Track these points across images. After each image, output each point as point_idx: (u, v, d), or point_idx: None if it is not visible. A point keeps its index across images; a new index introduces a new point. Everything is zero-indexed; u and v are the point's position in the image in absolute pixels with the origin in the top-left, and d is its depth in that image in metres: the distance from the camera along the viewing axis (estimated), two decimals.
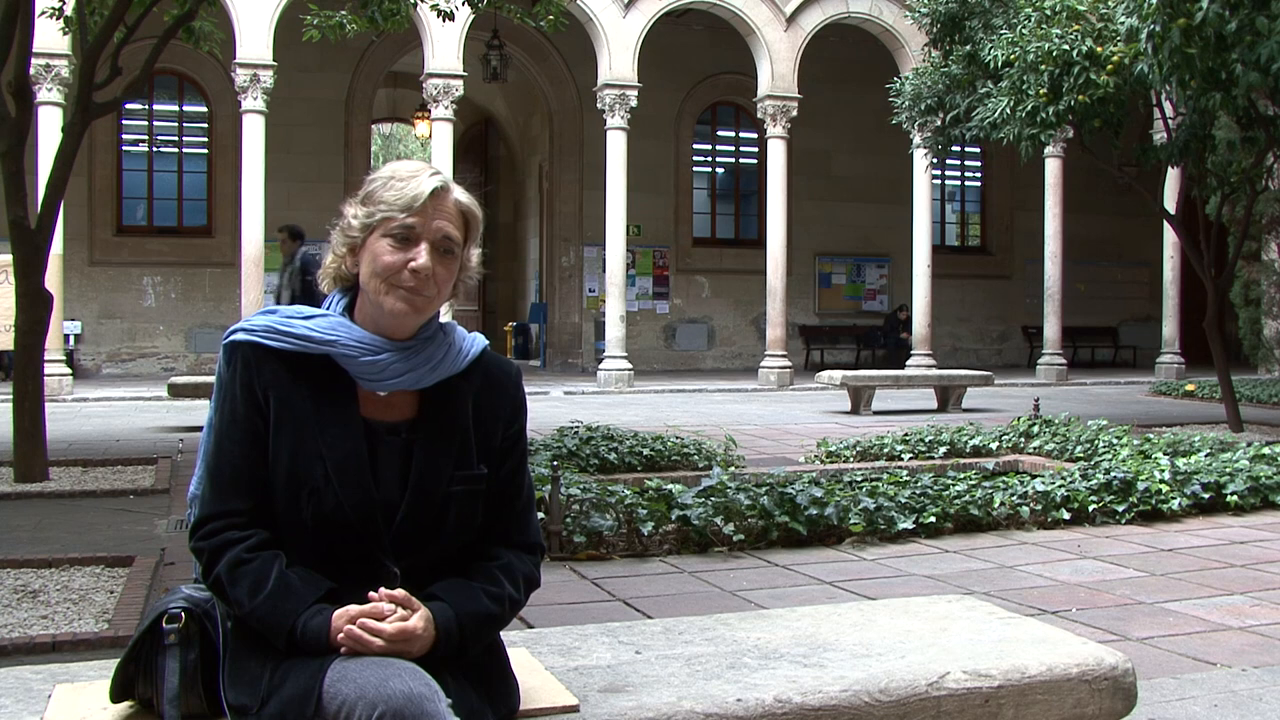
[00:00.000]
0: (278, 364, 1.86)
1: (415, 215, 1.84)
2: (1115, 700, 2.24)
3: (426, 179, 1.86)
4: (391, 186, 1.86)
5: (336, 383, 1.88)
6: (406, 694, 1.63)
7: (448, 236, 1.87)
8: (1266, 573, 5.04)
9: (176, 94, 18.83)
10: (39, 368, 7.58)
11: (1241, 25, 7.44)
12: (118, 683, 1.92)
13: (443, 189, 1.86)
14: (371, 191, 1.88)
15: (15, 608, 4.26)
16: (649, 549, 5.37)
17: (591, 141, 19.33)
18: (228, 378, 1.88)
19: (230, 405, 1.86)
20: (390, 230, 1.84)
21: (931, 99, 11.32)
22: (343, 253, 1.90)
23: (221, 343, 1.92)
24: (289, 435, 1.84)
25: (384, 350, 1.87)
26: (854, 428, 11.07)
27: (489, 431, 1.96)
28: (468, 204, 1.91)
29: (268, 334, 1.87)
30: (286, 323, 1.87)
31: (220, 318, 18.19)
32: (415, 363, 1.89)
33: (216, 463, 1.86)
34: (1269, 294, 17.26)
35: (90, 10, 8.26)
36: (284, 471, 1.83)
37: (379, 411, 1.91)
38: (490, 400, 1.97)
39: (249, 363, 1.86)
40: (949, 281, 20.87)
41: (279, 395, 1.85)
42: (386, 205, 1.85)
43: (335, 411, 1.86)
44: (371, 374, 1.87)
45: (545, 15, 8.92)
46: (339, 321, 1.89)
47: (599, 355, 18.03)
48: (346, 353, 1.86)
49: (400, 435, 1.90)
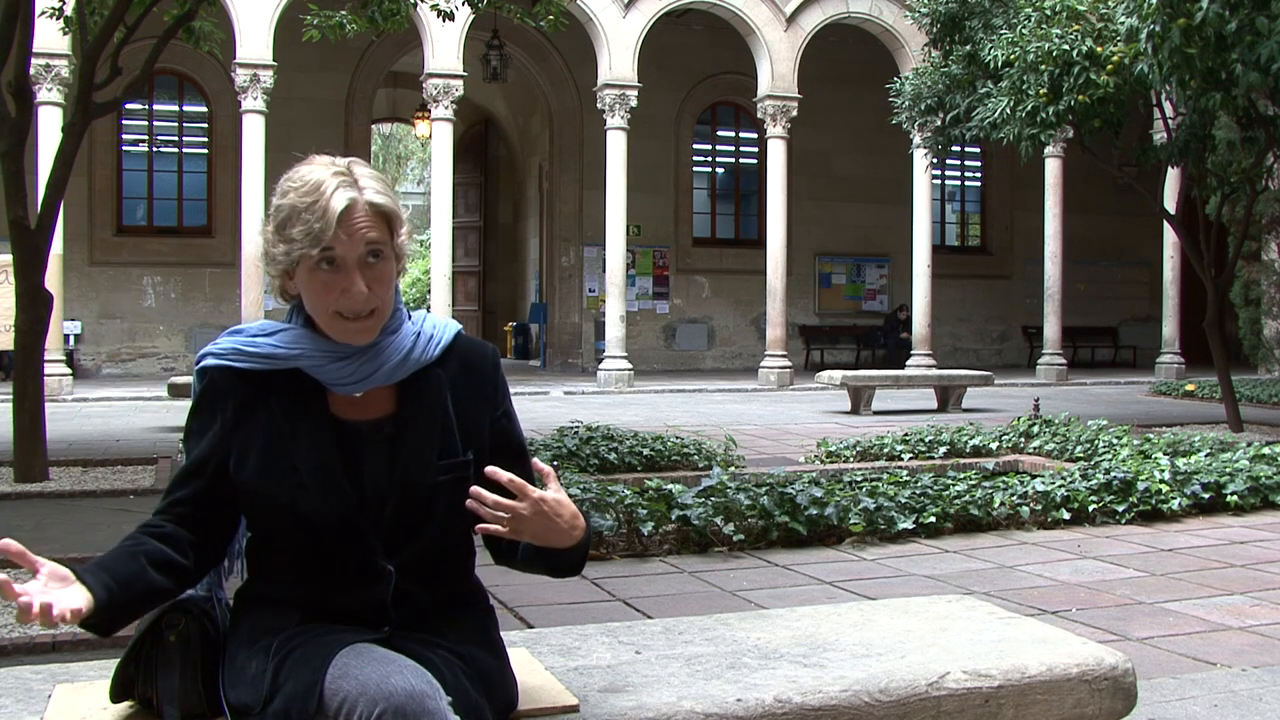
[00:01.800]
0: (247, 385, 1.87)
1: (331, 243, 1.77)
2: (1115, 700, 2.24)
3: (331, 199, 1.77)
4: (298, 219, 1.78)
5: (307, 392, 1.88)
6: (408, 691, 1.63)
7: (371, 247, 1.81)
8: (1266, 573, 5.04)
9: (176, 94, 18.84)
10: (39, 368, 7.58)
11: (1241, 25, 7.44)
12: (118, 683, 1.92)
13: (350, 206, 1.78)
14: (281, 223, 1.81)
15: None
16: (649, 549, 5.37)
17: (591, 141, 19.33)
18: (197, 401, 1.93)
19: (194, 427, 1.91)
20: (313, 264, 1.79)
21: (931, 99, 11.32)
22: (276, 273, 1.87)
23: (194, 367, 1.95)
24: (263, 451, 1.85)
25: (349, 354, 1.87)
26: (854, 428, 11.07)
27: (473, 416, 1.95)
28: (381, 203, 1.82)
29: (235, 356, 1.88)
30: (252, 342, 1.88)
31: (220, 318, 18.19)
32: (383, 359, 1.88)
33: (178, 477, 1.92)
34: (1269, 294, 17.26)
35: (90, 10, 8.26)
36: (256, 490, 1.85)
37: (358, 411, 1.90)
38: (468, 384, 1.96)
39: (217, 387, 1.89)
40: (949, 281, 20.87)
41: (250, 414, 1.87)
42: (299, 243, 1.78)
43: (308, 421, 1.87)
44: (342, 379, 1.87)
45: (545, 15, 8.92)
46: (300, 334, 1.88)
47: (599, 355, 18.04)
48: (313, 363, 1.87)
49: (384, 431, 1.90)
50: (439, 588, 1.92)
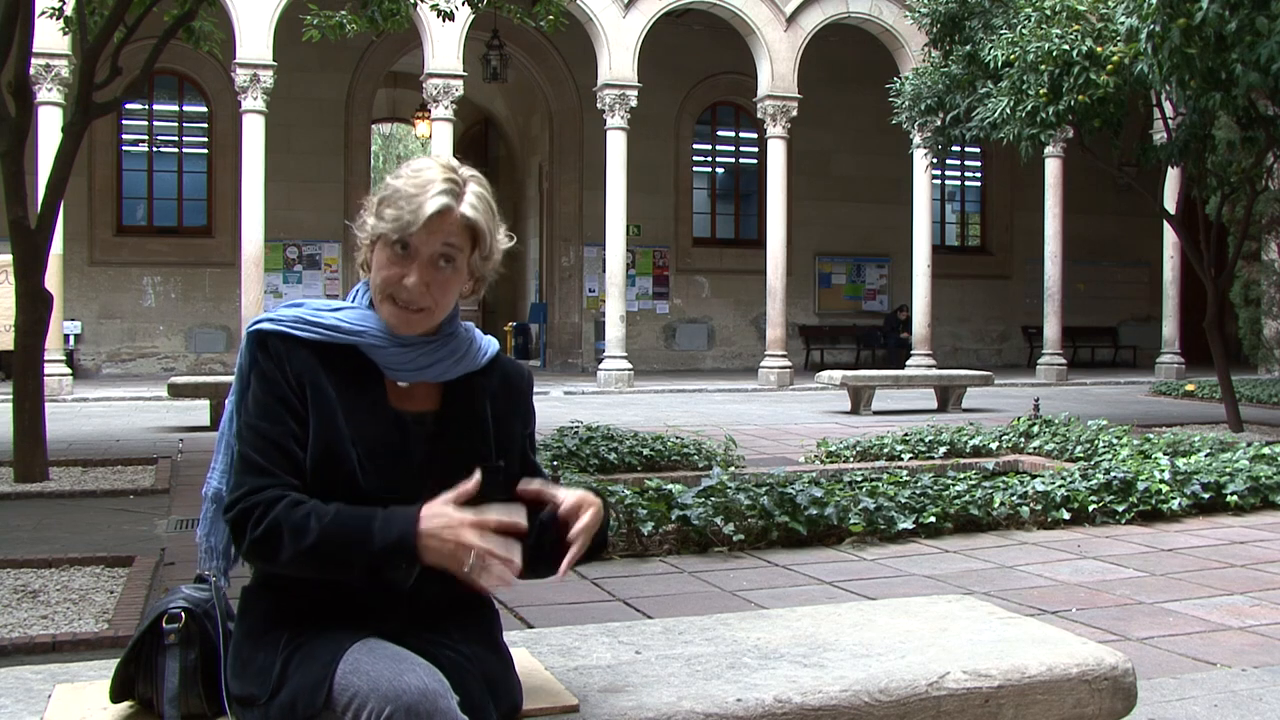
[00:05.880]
0: (306, 353, 1.87)
1: (413, 236, 1.84)
2: (1115, 700, 2.24)
3: (430, 199, 1.83)
4: (396, 202, 1.85)
5: (363, 371, 1.90)
6: (420, 689, 1.63)
7: (447, 251, 1.86)
8: (1266, 573, 5.04)
9: (176, 94, 18.84)
10: (39, 368, 7.58)
11: (1241, 25, 7.44)
12: (118, 683, 1.92)
13: (444, 211, 1.83)
14: (382, 199, 1.88)
15: (15, 608, 4.26)
16: (649, 549, 5.37)
17: (591, 141, 19.33)
18: (258, 365, 1.87)
19: (264, 390, 1.85)
20: (389, 244, 1.86)
21: (931, 99, 11.32)
22: (366, 244, 1.93)
23: (246, 331, 1.92)
24: (322, 420, 1.85)
25: (409, 343, 1.90)
26: (854, 428, 11.07)
27: (507, 429, 2.00)
28: (474, 218, 1.87)
29: (296, 324, 1.88)
30: (316, 314, 1.90)
31: (220, 318, 18.20)
32: (440, 355, 1.92)
33: (260, 444, 1.83)
34: (1269, 294, 17.26)
35: (90, 10, 8.26)
36: (319, 455, 1.83)
37: (402, 402, 1.93)
38: (507, 399, 2.02)
39: (279, 351, 1.87)
40: (949, 281, 20.87)
41: (311, 381, 1.86)
42: (387, 223, 1.85)
43: (365, 398, 1.89)
44: (398, 364, 1.90)
45: (545, 15, 8.92)
46: (366, 313, 1.92)
47: (599, 355, 18.04)
48: (374, 343, 1.89)
49: (425, 426, 1.93)
50: (451, 587, 1.92)
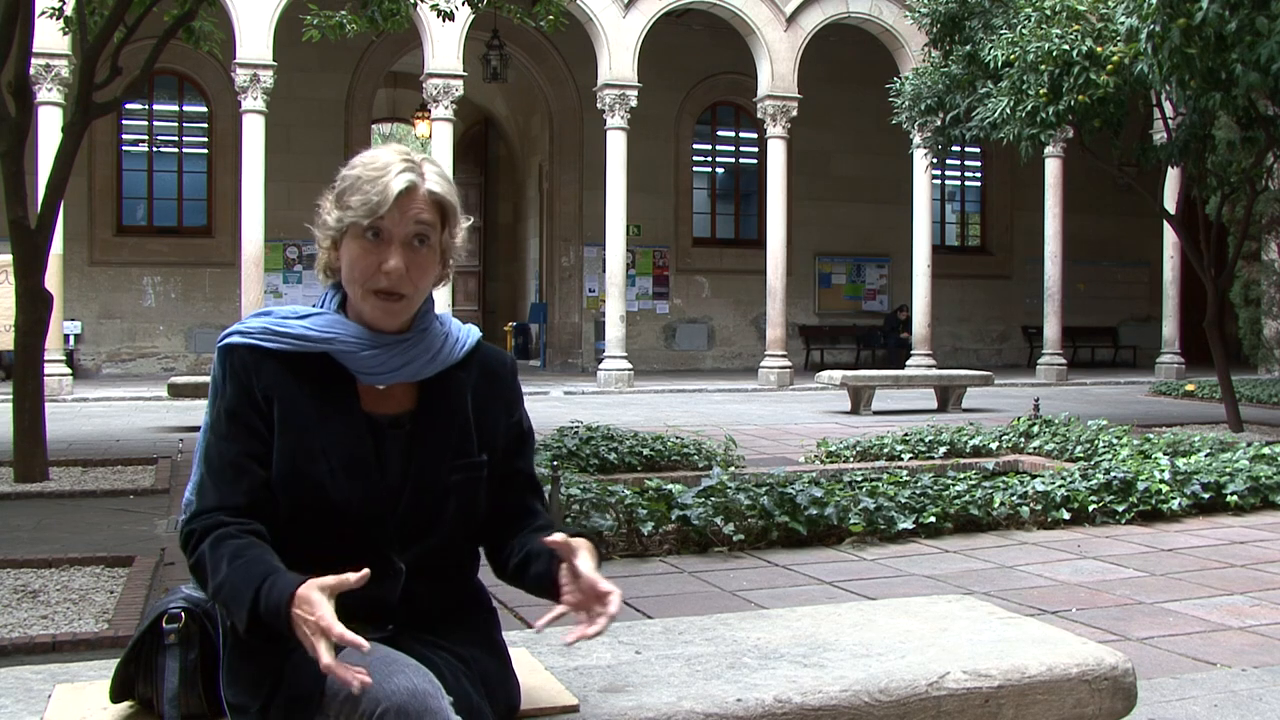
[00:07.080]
0: (276, 365, 1.84)
1: (383, 219, 1.81)
2: (1115, 700, 2.24)
3: (394, 178, 1.80)
4: (358, 188, 1.82)
5: (336, 379, 1.87)
6: (410, 689, 1.63)
7: (420, 231, 1.83)
8: (1266, 573, 5.04)
9: (176, 94, 18.84)
10: (39, 368, 7.58)
11: (1241, 25, 7.44)
12: (118, 683, 1.92)
13: (410, 188, 1.81)
14: (342, 191, 1.85)
15: (15, 608, 4.26)
16: (649, 549, 5.37)
17: (591, 141, 19.32)
18: (223, 380, 1.86)
19: (227, 407, 1.84)
20: (360, 233, 1.82)
21: (931, 99, 11.31)
22: (326, 245, 1.89)
23: (217, 345, 1.90)
24: (292, 434, 1.82)
25: (382, 344, 1.86)
26: (854, 428, 11.07)
27: (491, 422, 1.96)
28: (440, 193, 1.86)
29: (264, 335, 1.85)
30: (282, 323, 1.86)
31: (220, 318, 18.18)
32: (414, 354, 1.88)
33: (218, 463, 1.83)
34: (1269, 294, 17.26)
35: (90, 10, 8.26)
36: (289, 469, 1.81)
37: (378, 405, 1.90)
38: (489, 391, 1.97)
39: (246, 365, 1.84)
40: (949, 281, 20.87)
41: (279, 395, 1.83)
42: (353, 210, 1.81)
43: (337, 407, 1.86)
44: (371, 368, 1.86)
45: (545, 15, 8.92)
46: (335, 319, 1.88)
47: (599, 355, 18.03)
48: (345, 349, 1.85)
49: (402, 428, 1.90)
50: (443, 589, 1.92)
